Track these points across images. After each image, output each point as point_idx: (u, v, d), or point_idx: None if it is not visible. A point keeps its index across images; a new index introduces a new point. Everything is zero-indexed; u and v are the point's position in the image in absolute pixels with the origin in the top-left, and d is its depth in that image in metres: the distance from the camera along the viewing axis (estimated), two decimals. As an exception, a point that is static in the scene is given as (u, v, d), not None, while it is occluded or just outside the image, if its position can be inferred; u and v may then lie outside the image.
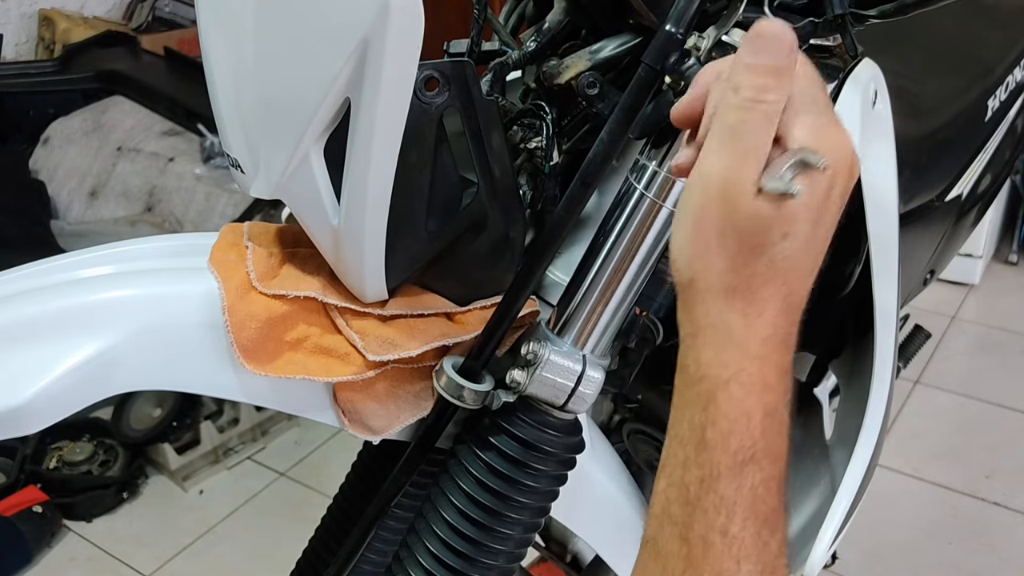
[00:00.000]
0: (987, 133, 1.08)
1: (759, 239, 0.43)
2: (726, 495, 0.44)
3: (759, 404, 0.44)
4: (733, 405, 0.45)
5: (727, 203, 0.44)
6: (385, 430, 0.65)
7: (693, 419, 0.46)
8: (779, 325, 0.45)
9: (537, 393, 0.61)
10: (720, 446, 0.45)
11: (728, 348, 0.45)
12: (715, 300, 0.45)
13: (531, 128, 0.66)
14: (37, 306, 0.57)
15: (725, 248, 0.44)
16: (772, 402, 0.45)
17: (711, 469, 0.45)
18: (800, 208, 0.43)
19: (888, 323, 0.72)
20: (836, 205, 0.45)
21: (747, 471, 0.44)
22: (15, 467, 1.87)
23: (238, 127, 0.59)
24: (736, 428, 0.44)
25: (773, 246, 0.43)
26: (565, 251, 0.69)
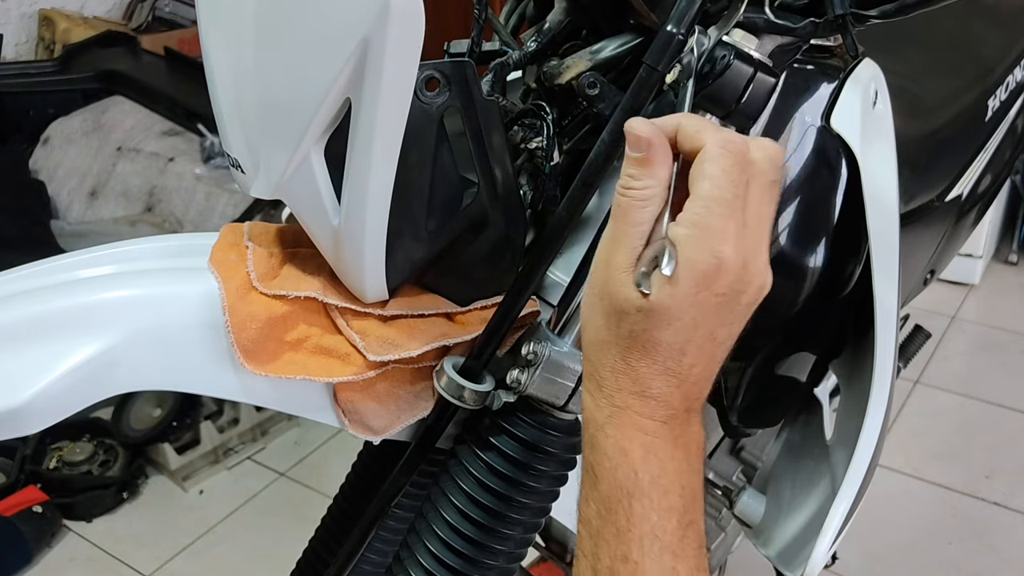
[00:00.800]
0: (987, 133, 1.08)
1: (621, 312, 0.48)
2: (620, 525, 0.48)
3: (635, 443, 0.48)
4: (610, 444, 0.49)
5: (603, 273, 0.49)
6: (385, 430, 0.65)
7: (586, 458, 0.51)
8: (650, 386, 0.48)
9: (538, 393, 0.61)
10: (607, 480, 0.49)
11: (600, 395, 0.50)
12: (593, 352, 0.50)
13: (531, 128, 0.66)
14: (37, 306, 0.57)
15: (602, 308, 0.49)
16: (649, 443, 0.48)
17: (604, 502, 0.49)
18: (655, 302, 0.47)
19: (888, 323, 0.72)
20: (715, 306, 0.47)
21: (635, 502, 0.48)
22: (15, 467, 1.88)
23: (238, 127, 0.59)
24: (618, 463, 0.49)
25: (633, 323, 0.48)
26: (565, 251, 0.69)
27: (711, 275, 0.46)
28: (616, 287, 0.48)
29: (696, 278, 0.46)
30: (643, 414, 0.49)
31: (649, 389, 0.48)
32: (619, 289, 0.48)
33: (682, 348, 0.48)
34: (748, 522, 0.86)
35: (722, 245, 0.46)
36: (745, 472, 0.97)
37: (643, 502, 0.48)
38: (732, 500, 0.88)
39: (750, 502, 0.86)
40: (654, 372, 0.48)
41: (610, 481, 0.49)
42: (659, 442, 0.49)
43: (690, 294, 0.46)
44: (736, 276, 0.47)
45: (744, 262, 0.47)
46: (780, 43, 0.62)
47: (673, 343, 0.47)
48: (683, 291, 0.46)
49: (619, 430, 0.49)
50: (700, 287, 0.46)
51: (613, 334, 0.49)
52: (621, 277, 0.48)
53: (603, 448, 0.49)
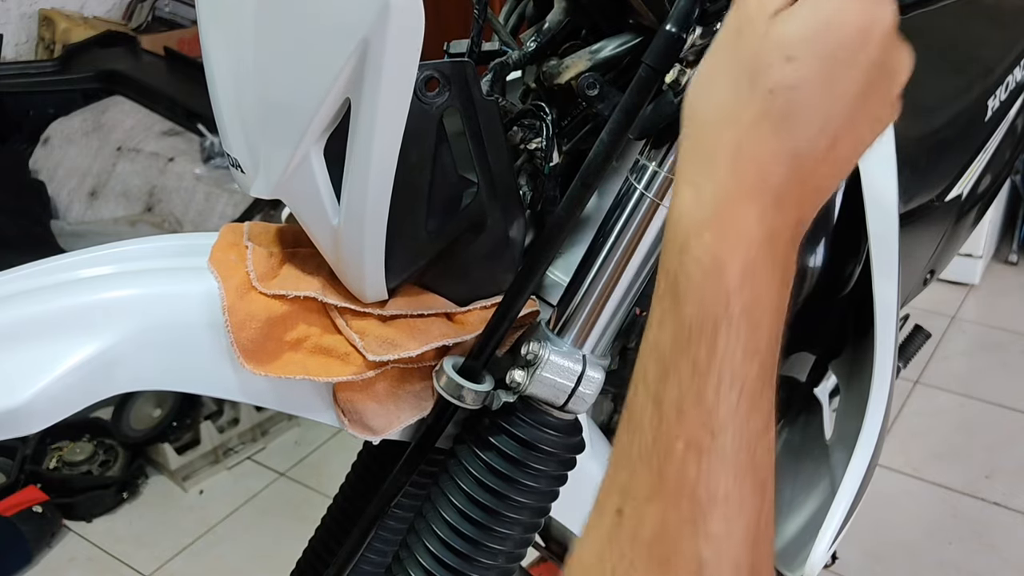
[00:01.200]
0: (987, 133, 1.08)
1: (762, 60, 0.40)
2: (699, 359, 0.40)
3: (736, 256, 0.40)
4: (706, 253, 0.40)
5: (740, 31, 0.42)
6: (385, 430, 0.65)
7: (668, 268, 0.42)
8: (772, 174, 0.40)
9: (537, 393, 0.61)
10: (693, 299, 0.41)
11: (708, 185, 0.41)
12: (709, 129, 0.42)
13: (531, 129, 0.66)
14: (37, 306, 0.57)
15: (729, 74, 0.41)
16: (750, 260, 0.40)
17: (685, 328, 0.41)
18: (808, 32, 0.39)
19: (888, 323, 0.72)
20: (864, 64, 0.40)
21: (721, 335, 0.40)
22: (15, 467, 1.87)
23: (238, 127, 0.59)
24: (709, 281, 0.40)
25: (773, 69, 0.40)
26: (565, 251, 0.69)
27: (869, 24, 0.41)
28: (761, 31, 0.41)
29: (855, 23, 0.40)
30: (754, 216, 0.40)
31: (770, 177, 0.40)
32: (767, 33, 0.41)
33: (822, 120, 0.40)
34: (748, 522, 0.86)
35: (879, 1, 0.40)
36: (745, 472, 0.97)
37: (730, 336, 0.40)
38: (732, 500, 0.87)
39: (750, 502, 0.86)
40: (782, 151, 0.40)
41: (697, 302, 0.40)
42: (760, 262, 0.40)
43: (847, 41, 0.40)
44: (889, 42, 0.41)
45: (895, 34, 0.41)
46: (780, 43, 0.62)
47: (817, 108, 0.40)
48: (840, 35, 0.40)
49: (721, 235, 0.40)
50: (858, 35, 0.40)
51: (746, 97, 0.41)
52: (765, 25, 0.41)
53: (696, 256, 0.41)
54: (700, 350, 0.40)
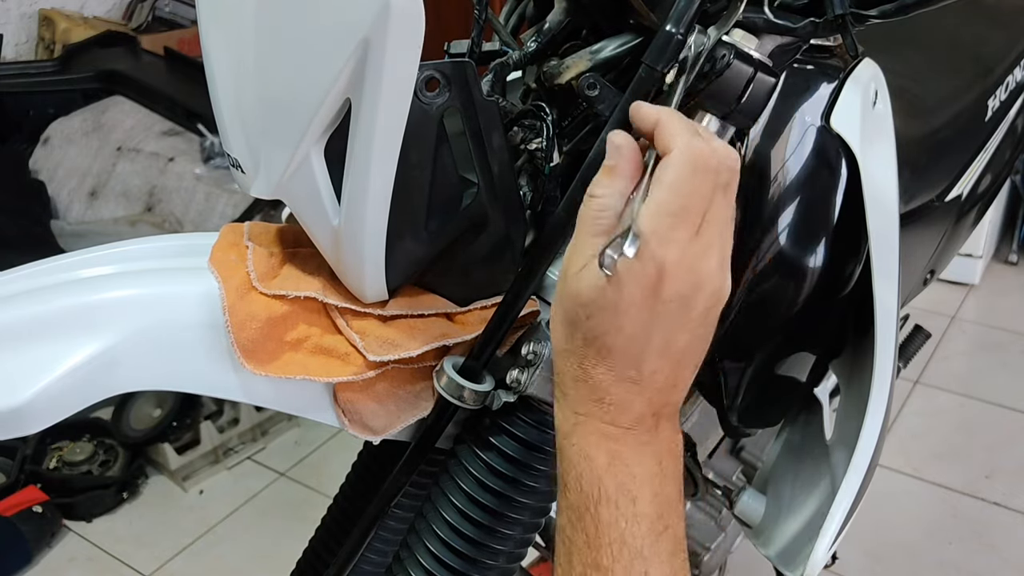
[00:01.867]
0: (987, 133, 1.08)
1: (571, 315, 0.49)
2: (589, 532, 0.48)
3: (600, 450, 0.49)
4: (575, 452, 0.49)
5: (561, 279, 0.50)
6: (385, 430, 0.65)
7: (559, 467, 0.51)
8: (610, 393, 0.48)
9: (538, 393, 0.61)
10: (574, 488, 0.49)
11: (565, 404, 0.50)
12: (558, 361, 0.51)
13: (531, 129, 0.66)
14: (37, 306, 0.57)
15: (561, 315, 0.50)
16: (614, 450, 0.48)
17: (574, 510, 0.49)
18: (595, 292, 0.47)
19: (888, 323, 0.72)
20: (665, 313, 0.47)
21: (602, 509, 0.48)
22: (15, 467, 1.88)
23: (238, 127, 0.59)
24: (583, 471, 0.49)
25: (580, 323, 0.48)
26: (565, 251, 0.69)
27: (654, 281, 0.46)
28: (570, 289, 0.49)
29: (640, 283, 0.46)
30: (605, 420, 0.49)
31: (608, 396, 0.48)
32: (573, 291, 0.48)
33: (638, 355, 0.48)
34: (748, 522, 0.86)
35: (665, 251, 0.46)
36: (745, 472, 0.97)
37: (610, 509, 0.48)
38: (732, 500, 0.88)
39: (750, 502, 0.86)
40: (611, 379, 0.48)
41: (577, 489, 0.49)
42: (625, 449, 0.49)
43: (635, 301, 0.46)
44: (683, 282, 0.46)
45: (692, 268, 0.47)
46: (780, 43, 0.62)
47: (627, 350, 0.47)
48: (628, 296, 0.46)
49: (583, 438, 0.49)
50: (646, 293, 0.46)
51: (571, 341, 0.49)
52: (574, 280, 0.48)
53: (569, 456, 0.50)
54: (588, 526, 0.49)
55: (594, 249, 0.48)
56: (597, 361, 0.48)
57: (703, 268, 0.47)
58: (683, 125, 0.49)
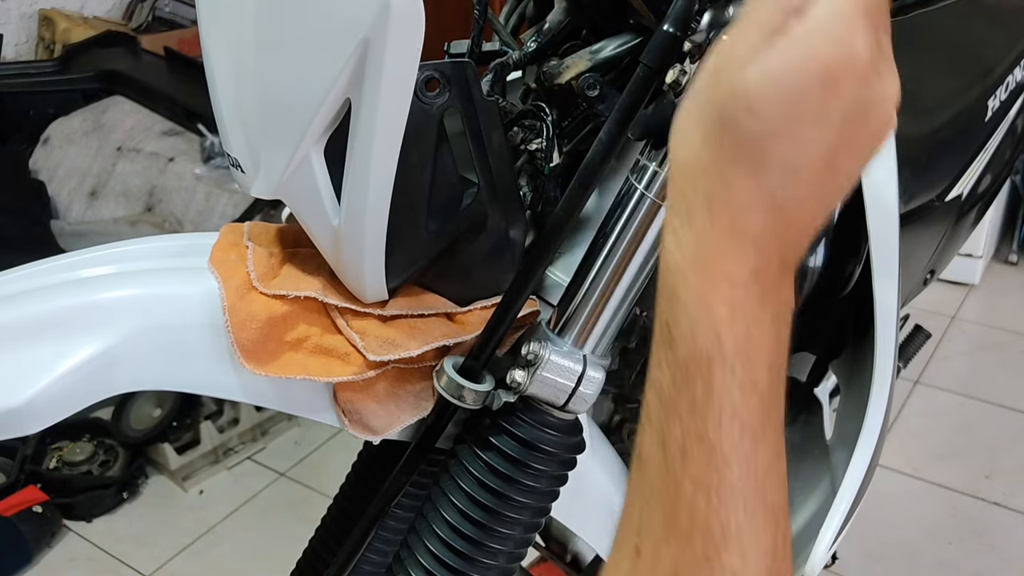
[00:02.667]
0: (987, 133, 1.08)
1: (729, 111, 0.40)
2: (697, 396, 0.41)
3: (722, 296, 0.41)
4: (693, 295, 0.41)
5: (714, 75, 0.41)
6: (385, 430, 0.65)
7: (661, 314, 0.43)
8: (748, 221, 0.41)
9: (538, 393, 0.61)
10: (685, 340, 0.42)
11: (688, 231, 0.42)
12: (685, 175, 0.42)
13: (531, 129, 0.66)
14: (37, 306, 0.57)
15: (702, 122, 0.41)
16: (737, 299, 0.41)
17: (681, 367, 0.42)
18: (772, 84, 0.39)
19: (888, 323, 0.72)
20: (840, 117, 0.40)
21: (716, 370, 0.41)
22: (15, 467, 1.88)
23: (238, 127, 0.59)
24: (699, 320, 0.41)
25: (739, 121, 0.40)
26: (565, 252, 0.69)
27: (837, 69, 0.39)
28: (730, 83, 0.40)
29: (820, 70, 0.39)
30: (735, 259, 0.41)
31: (747, 224, 0.40)
32: (734, 83, 0.40)
33: (796, 168, 0.40)
34: (748, 522, 0.86)
35: (853, 35, 0.39)
36: (745, 472, 0.97)
37: (725, 372, 0.41)
38: (732, 500, 0.87)
39: (750, 502, 0.86)
40: (757, 199, 0.40)
41: (689, 342, 0.41)
42: (748, 299, 0.41)
43: (812, 90, 0.39)
44: (866, 80, 0.40)
45: (876, 66, 0.40)
46: (780, 43, 0.62)
47: (787, 158, 0.40)
48: (804, 84, 0.39)
49: (705, 277, 0.41)
50: (825, 83, 0.39)
51: (715, 147, 0.41)
52: (738, 71, 0.40)
53: (683, 300, 0.42)
54: (697, 389, 0.41)
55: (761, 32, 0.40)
56: (748, 173, 0.40)
57: (888, 71, 0.41)
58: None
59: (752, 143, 0.40)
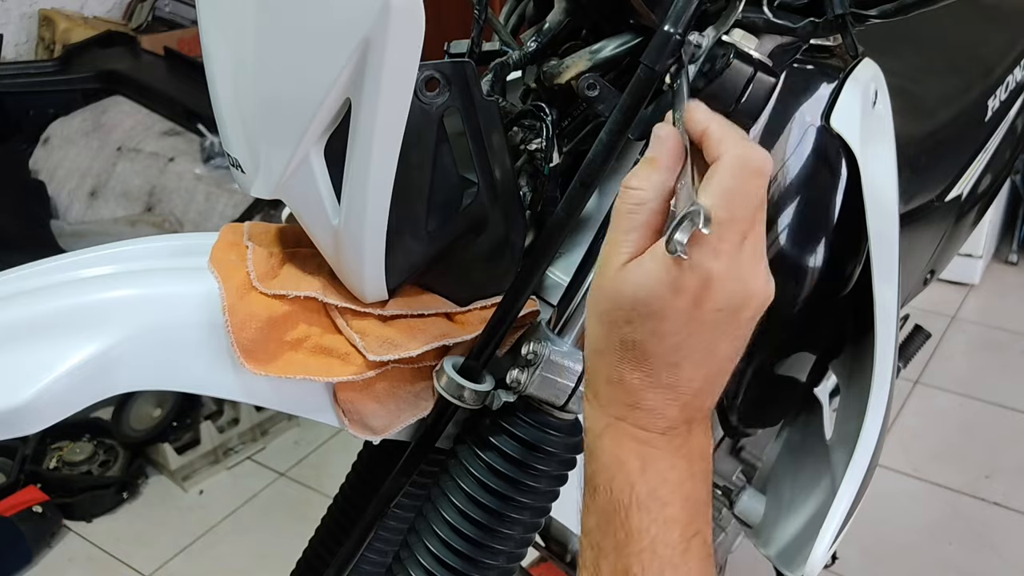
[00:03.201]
0: (987, 133, 1.08)
1: (609, 315, 0.47)
2: (619, 538, 0.47)
3: (632, 454, 0.47)
4: (607, 454, 0.48)
5: (598, 277, 0.48)
6: (385, 430, 0.65)
7: (586, 468, 0.50)
8: (644, 398, 0.47)
9: (538, 393, 0.61)
10: (604, 491, 0.48)
11: (597, 405, 0.49)
12: (591, 360, 0.50)
13: (531, 129, 0.66)
14: (37, 306, 0.57)
15: (598, 314, 0.48)
16: (646, 454, 0.47)
17: (603, 514, 0.48)
18: (640, 295, 0.45)
19: (888, 323, 0.72)
20: (712, 322, 0.46)
21: (633, 515, 0.47)
22: (15, 467, 1.88)
23: (238, 127, 0.59)
24: (614, 475, 0.48)
25: (619, 325, 0.47)
26: (565, 252, 0.69)
27: (701, 291, 0.44)
28: (609, 289, 0.47)
29: (687, 294, 0.44)
30: (639, 425, 0.47)
31: (643, 401, 0.47)
32: (612, 290, 0.47)
33: (676, 362, 0.46)
34: (748, 522, 0.86)
35: (712, 262, 0.44)
36: (745, 472, 0.97)
37: (641, 515, 0.47)
38: (732, 500, 0.88)
39: (750, 502, 0.86)
40: (647, 385, 0.47)
41: (607, 493, 0.48)
42: (657, 453, 0.47)
43: (679, 308, 0.45)
44: (732, 293, 0.45)
45: (740, 277, 0.45)
46: (780, 43, 0.62)
47: (666, 357, 0.46)
48: (673, 306, 0.45)
49: (615, 441, 0.48)
50: (691, 304, 0.45)
51: (607, 342, 0.48)
52: (613, 279, 0.47)
53: (600, 459, 0.49)
54: (618, 531, 0.47)
55: (630, 247, 0.47)
56: (633, 366, 0.47)
57: (752, 278, 0.46)
58: (734, 132, 0.47)
59: (633, 345, 0.46)
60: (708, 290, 0.44)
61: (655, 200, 0.47)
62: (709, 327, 0.46)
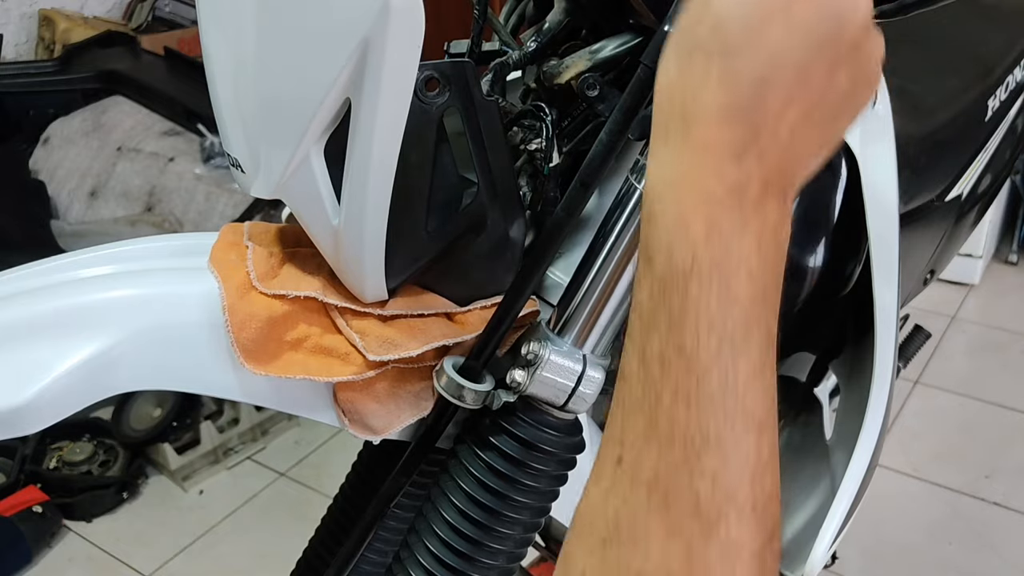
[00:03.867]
0: (987, 133, 1.08)
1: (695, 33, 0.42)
2: (674, 309, 0.42)
3: (699, 215, 0.42)
4: (670, 215, 0.43)
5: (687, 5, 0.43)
6: (385, 430, 0.65)
7: (643, 234, 0.45)
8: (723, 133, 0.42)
9: (537, 393, 0.61)
10: (662, 258, 0.43)
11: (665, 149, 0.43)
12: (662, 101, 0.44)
13: (531, 129, 0.66)
14: (37, 306, 0.57)
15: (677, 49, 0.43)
16: (714, 216, 0.42)
17: (659, 283, 0.43)
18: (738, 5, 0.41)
19: (888, 323, 0.72)
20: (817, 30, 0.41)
21: (692, 284, 0.42)
22: (15, 467, 1.88)
23: (238, 127, 0.59)
24: (675, 239, 0.42)
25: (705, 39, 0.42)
26: (565, 251, 0.69)
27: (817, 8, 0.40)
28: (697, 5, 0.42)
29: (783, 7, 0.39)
30: (710, 174, 0.42)
31: (721, 138, 0.41)
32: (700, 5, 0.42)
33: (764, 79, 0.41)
34: (748, 522, 0.86)
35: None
36: (745, 472, 0.97)
37: (701, 285, 0.41)
38: (732, 500, 0.87)
39: (750, 502, 0.86)
40: (729, 112, 0.41)
41: (666, 260, 0.42)
42: (726, 217, 0.42)
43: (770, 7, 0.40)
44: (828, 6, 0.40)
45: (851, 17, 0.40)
46: (780, 43, 0.62)
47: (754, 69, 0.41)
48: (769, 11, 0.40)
49: (681, 195, 0.42)
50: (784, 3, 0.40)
51: (687, 67, 0.42)
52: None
53: (660, 219, 0.43)
54: (674, 303, 0.42)
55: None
56: (718, 87, 0.41)
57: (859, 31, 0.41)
58: None
59: (719, 58, 0.41)
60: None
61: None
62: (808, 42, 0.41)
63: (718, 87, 0.41)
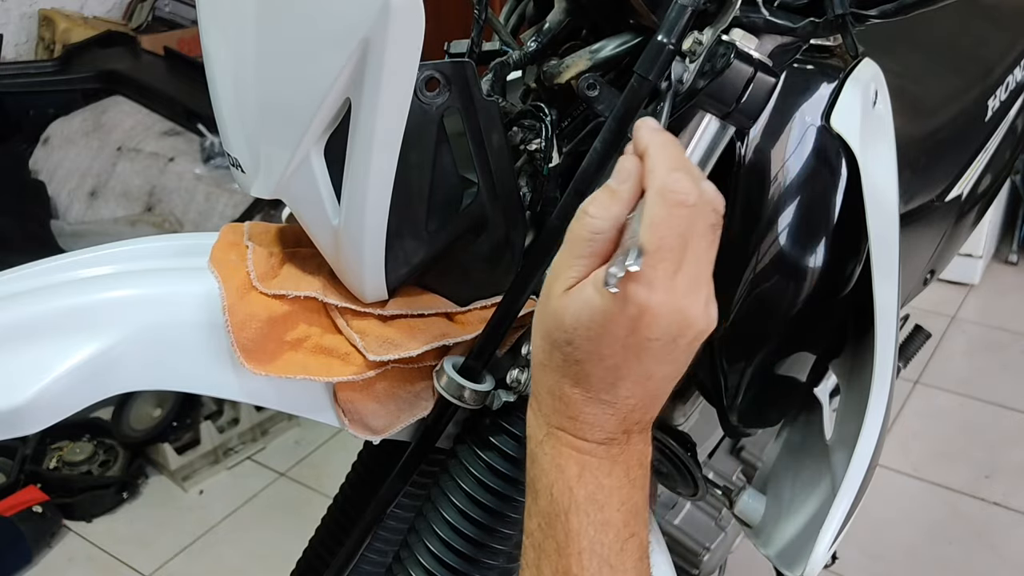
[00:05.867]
0: (987, 133, 1.08)
1: (551, 335, 0.49)
2: (560, 540, 0.49)
3: (571, 461, 0.49)
4: (547, 460, 0.50)
5: (544, 298, 0.50)
6: (385, 430, 0.65)
7: (528, 472, 0.53)
8: (583, 412, 0.49)
9: (537, 393, 0.61)
10: (545, 495, 0.50)
11: (540, 414, 0.51)
12: (535, 371, 0.51)
13: (531, 129, 0.66)
14: (37, 306, 0.57)
15: (542, 330, 0.50)
16: (584, 461, 0.49)
17: (544, 516, 0.50)
18: (579, 319, 0.46)
19: (888, 323, 0.72)
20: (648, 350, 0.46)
21: (572, 517, 0.49)
22: (15, 467, 1.88)
23: (239, 127, 0.59)
24: (554, 480, 0.50)
25: (560, 345, 0.48)
26: (565, 251, 0.69)
27: (637, 321, 0.45)
28: (552, 310, 0.48)
29: (623, 323, 0.45)
30: (578, 435, 0.49)
31: (582, 415, 0.49)
32: (554, 312, 0.48)
33: (614, 382, 0.48)
34: (748, 522, 0.86)
35: (646, 294, 0.45)
36: (745, 472, 0.97)
37: (580, 517, 0.49)
38: (732, 500, 0.88)
39: (750, 502, 0.86)
40: (586, 400, 0.49)
41: (548, 497, 0.50)
42: (595, 461, 0.49)
43: (618, 338, 0.46)
44: (670, 321, 0.46)
45: (678, 308, 0.46)
46: (780, 43, 0.62)
47: (604, 378, 0.48)
48: (611, 333, 0.46)
49: (555, 448, 0.50)
50: (628, 332, 0.46)
51: (550, 358, 0.49)
52: (556, 301, 0.48)
53: (541, 464, 0.51)
54: (559, 534, 0.50)
55: (578, 271, 0.48)
56: (573, 383, 0.49)
57: (690, 308, 0.46)
58: (664, 160, 0.47)
59: (573, 364, 0.48)
60: (643, 320, 0.45)
61: (610, 231, 0.48)
62: (646, 353, 0.47)
63: (576, 385, 0.48)
